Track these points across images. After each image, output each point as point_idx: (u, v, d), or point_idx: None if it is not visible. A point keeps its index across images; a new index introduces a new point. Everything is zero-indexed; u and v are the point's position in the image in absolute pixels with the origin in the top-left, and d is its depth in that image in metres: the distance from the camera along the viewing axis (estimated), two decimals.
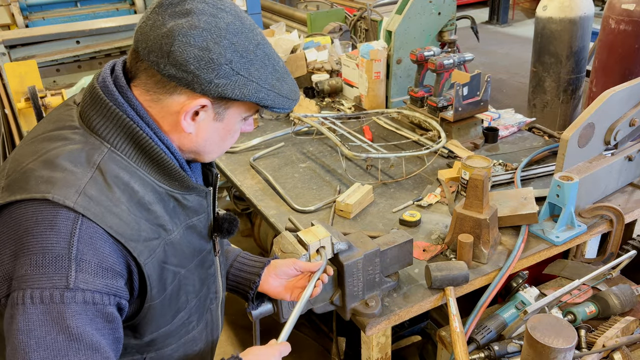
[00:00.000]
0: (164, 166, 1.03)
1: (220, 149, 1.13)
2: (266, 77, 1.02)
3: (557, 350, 1.18)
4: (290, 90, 1.09)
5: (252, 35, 1.02)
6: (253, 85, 1.01)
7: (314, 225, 1.46)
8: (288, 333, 1.24)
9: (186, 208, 1.10)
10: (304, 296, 1.30)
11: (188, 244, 1.11)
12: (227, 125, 1.08)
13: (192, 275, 1.14)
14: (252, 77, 1.00)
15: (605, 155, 1.99)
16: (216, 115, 1.04)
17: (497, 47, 8.15)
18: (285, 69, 1.09)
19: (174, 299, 1.09)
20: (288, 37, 3.51)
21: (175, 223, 1.07)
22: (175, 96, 1.00)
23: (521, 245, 1.76)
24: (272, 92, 1.04)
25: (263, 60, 1.02)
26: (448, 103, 2.46)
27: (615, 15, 3.59)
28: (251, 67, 1.00)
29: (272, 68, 1.04)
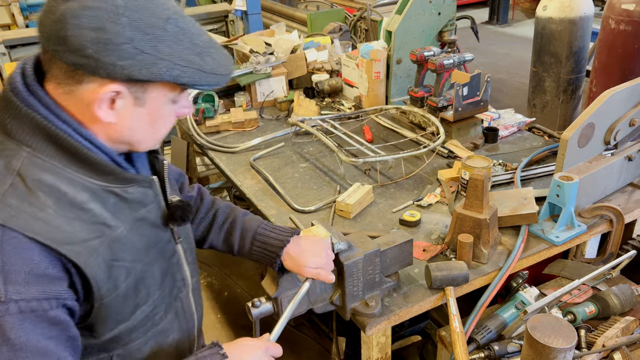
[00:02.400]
0: (90, 162, 0.98)
1: (152, 136, 1.07)
2: (181, 53, 0.95)
3: (557, 350, 1.18)
4: (217, 65, 1.01)
5: (160, 10, 0.94)
6: (164, 64, 0.93)
7: (314, 225, 1.46)
8: (279, 332, 1.24)
9: (129, 201, 1.06)
10: (298, 295, 1.31)
11: (140, 238, 1.08)
12: (153, 110, 1.01)
13: (151, 268, 1.11)
14: (162, 54, 0.93)
15: (605, 155, 1.99)
16: (136, 101, 0.98)
17: (497, 47, 8.15)
18: (210, 43, 1.01)
19: (130, 295, 1.06)
20: (288, 37, 3.52)
21: (119, 219, 1.03)
22: (85, 85, 0.94)
23: (521, 245, 1.77)
24: (189, 69, 0.96)
25: (176, 36, 0.95)
26: (448, 103, 2.46)
27: (615, 15, 3.59)
28: (159, 44, 0.93)
29: (190, 43, 0.97)
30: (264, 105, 3.05)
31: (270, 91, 3.06)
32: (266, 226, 1.40)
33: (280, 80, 3.07)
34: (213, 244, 1.45)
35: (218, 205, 1.46)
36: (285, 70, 3.09)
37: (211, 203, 1.47)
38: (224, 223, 1.43)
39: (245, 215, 1.44)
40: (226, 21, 4.82)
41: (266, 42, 3.37)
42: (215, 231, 1.43)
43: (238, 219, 1.43)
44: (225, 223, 1.43)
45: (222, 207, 1.46)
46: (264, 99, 3.05)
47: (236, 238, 1.40)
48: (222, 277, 3.54)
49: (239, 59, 3.43)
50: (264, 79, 3.01)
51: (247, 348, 1.16)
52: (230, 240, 1.41)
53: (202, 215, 1.44)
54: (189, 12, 4.49)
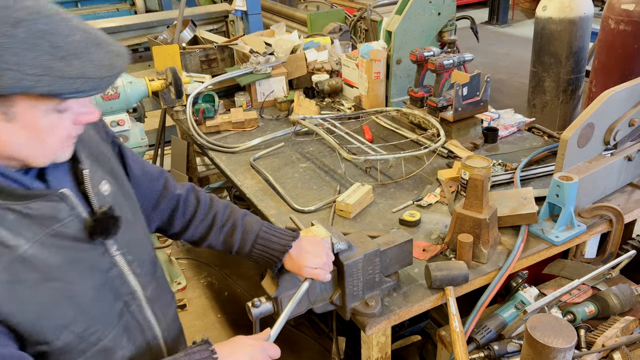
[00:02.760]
0: None
1: (41, 150, 0.97)
2: (34, 61, 0.85)
3: (557, 350, 1.18)
4: (92, 66, 0.90)
5: (10, 13, 0.84)
6: (10, 74, 0.83)
7: (314, 225, 1.46)
8: (278, 330, 1.24)
9: (35, 217, 0.97)
10: (298, 294, 1.31)
11: (55, 256, 0.99)
12: (28, 125, 0.92)
13: (75, 285, 1.02)
14: (8, 63, 0.83)
15: (604, 155, 2.00)
16: (4, 116, 0.89)
17: (496, 47, 8.16)
18: (86, 42, 0.91)
19: (45, 315, 0.98)
20: (288, 38, 3.52)
21: (23, 236, 0.95)
22: None
23: (521, 245, 1.77)
24: (47, 77, 0.86)
25: (28, 41, 0.85)
26: (448, 103, 2.46)
27: (615, 16, 3.59)
28: (5, 53, 0.83)
29: (50, 47, 0.86)
30: (264, 105, 3.05)
31: (270, 91, 3.06)
32: (268, 229, 1.39)
33: (280, 80, 3.07)
34: (211, 244, 1.43)
35: (217, 207, 1.44)
36: (285, 71, 3.09)
37: (209, 204, 1.44)
38: (224, 225, 1.41)
39: (245, 216, 1.43)
40: (226, 21, 4.82)
41: (266, 42, 3.38)
42: (215, 233, 1.41)
43: (239, 220, 1.41)
44: (226, 225, 1.41)
45: (221, 209, 1.44)
46: (264, 99, 3.05)
47: (237, 240, 1.39)
48: (222, 277, 3.55)
49: (239, 59, 3.43)
50: (264, 79, 3.01)
51: (240, 346, 1.14)
52: (231, 241, 1.40)
53: (200, 217, 1.41)
54: (188, 12, 4.49)
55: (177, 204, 1.41)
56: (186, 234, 1.43)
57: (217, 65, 3.51)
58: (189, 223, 1.41)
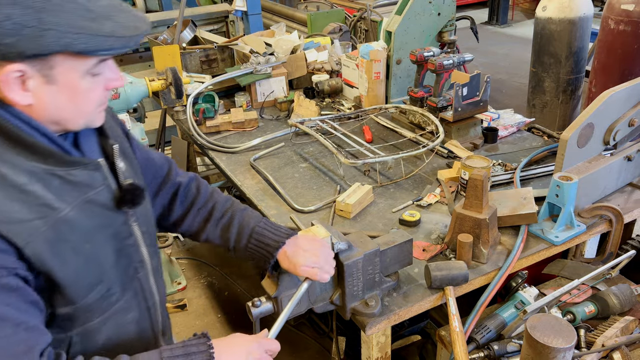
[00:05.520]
0: (28, 145, 1.01)
1: (78, 113, 1.06)
2: (69, 21, 0.93)
3: (557, 349, 1.18)
4: (120, 27, 0.99)
5: None
6: (51, 34, 0.92)
7: (314, 225, 1.46)
8: (278, 330, 1.24)
9: (75, 184, 1.08)
10: (298, 294, 1.31)
11: (89, 220, 1.09)
12: (69, 86, 1.01)
13: (102, 249, 1.13)
14: (47, 24, 0.92)
15: (604, 156, 2.00)
16: (46, 79, 0.98)
17: (496, 47, 8.16)
18: (111, 7, 1.00)
19: (81, 274, 1.08)
20: (288, 38, 3.52)
21: (65, 200, 1.05)
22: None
23: (520, 245, 1.77)
24: (83, 35, 0.95)
25: (61, 5, 0.93)
26: (448, 103, 2.46)
27: (615, 16, 3.59)
28: (43, 15, 0.91)
29: (82, 9, 0.95)
30: (264, 106, 3.05)
31: (270, 91, 3.06)
32: (265, 224, 1.40)
33: (281, 80, 3.08)
34: (209, 238, 1.44)
35: (216, 198, 1.46)
36: (285, 71, 3.09)
37: (209, 195, 1.47)
38: (222, 217, 1.42)
39: (244, 210, 1.44)
40: (226, 21, 4.82)
41: (266, 42, 3.38)
42: (212, 224, 1.43)
43: (237, 213, 1.42)
44: (224, 217, 1.42)
45: (220, 200, 1.46)
46: (264, 99, 3.05)
47: (233, 233, 1.40)
48: (222, 277, 3.55)
49: (239, 60, 3.43)
50: (264, 79, 3.02)
51: (238, 341, 1.17)
52: (227, 235, 1.41)
53: (198, 206, 1.44)
54: (188, 13, 4.49)
55: (177, 190, 1.46)
56: (184, 223, 1.47)
57: (217, 66, 3.52)
58: (187, 211, 1.46)
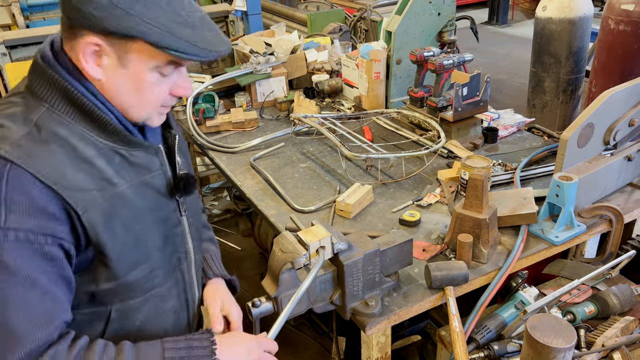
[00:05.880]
0: (99, 121, 1.07)
1: (140, 103, 1.12)
2: (156, 16, 1.01)
3: (557, 349, 1.18)
4: (198, 37, 1.05)
5: None
6: (134, 20, 0.99)
7: (314, 225, 1.46)
8: (277, 330, 1.24)
9: (135, 165, 1.14)
10: (297, 295, 1.31)
11: (143, 200, 1.15)
12: (136, 74, 1.07)
13: (150, 230, 1.17)
14: (135, 11, 0.99)
15: (604, 155, 2.00)
16: (119, 60, 1.05)
17: (496, 47, 8.16)
18: (202, 22, 1.07)
19: (129, 249, 1.12)
20: (288, 38, 3.52)
21: (123, 177, 1.11)
22: (77, 39, 1.03)
23: (520, 245, 1.77)
24: (160, 31, 1.01)
25: (157, 2, 1.01)
26: (448, 103, 2.46)
27: (615, 16, 3.59)
28: (135, 3, 0.99)
29: (173, 12, 1.03)
30: (264, 106, 3.05)
31: (270, 91, 3.06)
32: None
33: (280, 80, 3.08)
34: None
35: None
36: (285, 71, 3.09)
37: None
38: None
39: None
40: (226, 21, 4.82)
41: (266, 42, 3.38)
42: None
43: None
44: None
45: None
46: (264, 99, 3.05)
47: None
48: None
49: (239, 59, 3.43)
50: (264, 79, 3.02)
51: (238, 339, 1.20)
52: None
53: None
54: None
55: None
56: None
57: (217, 66, 3.52)
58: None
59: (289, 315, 1.31)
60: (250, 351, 1.17)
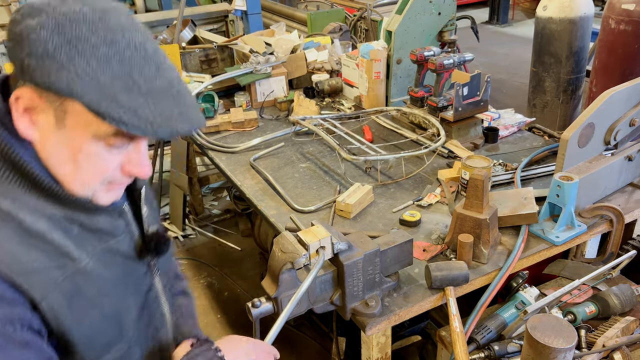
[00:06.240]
0: (49, 190, 0.91)
1: (79, 177, 0.92)
2: (99, 75, 0.83)
3: (557, 350, 1.18)
4: (152, 110, 0.86)
5: (106, 32, 0.84)
6: (67, 75, 0.82)
7: (314, 225, 1.46)
8: (277, 332, 1.23)
9: (97, 231, 0.98)
10: (297, 295, 1.31)
11: (109, 271, 0.99)
12: (73, 141, 0.88)
13: (122, 303, 1.03)
14: (73, 66, 0.82)
15: (605, 155, 1.99)
16: (57, 121, 0.87)
17: (497, 47, 8.16)
18: (163, 89, 0.88)
19: (98, 331, 0.97)
20: (288, 37, 3.52)
21: (85, 249, 0.95)
22: (16, 90, 0.87)
23: (521, 245, 1.77)
24: (105, 96, 0.83)
25: (108, 60, 0.84)
26: (448, 103, 2.46)
27: (615, 15, 3.59)
28: (78, 57, 0.82)
29: (125, 74, 0.84)
30: (264, 105, 3.05)
31: (270, 91, 3.06)
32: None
33: (280, 80, 3.07)
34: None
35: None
36: (285, 70, 3.09)
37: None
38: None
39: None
40: (226, 21, 4.82)
41: (266, 42, 3.37)
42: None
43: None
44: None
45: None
46: (264, 99, 3.05)
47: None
48: (221, 277, 3.54)
49: (239, 59, 3.43)
50: (264, 79, 3.01)
51: (235, 343, 1.15)
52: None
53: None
54: (188, 12, 4.49)
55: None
56: None
57: (217, 65, 3.51)
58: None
59: (288, 316, 1.30)
60: (248, 352, 1.14)
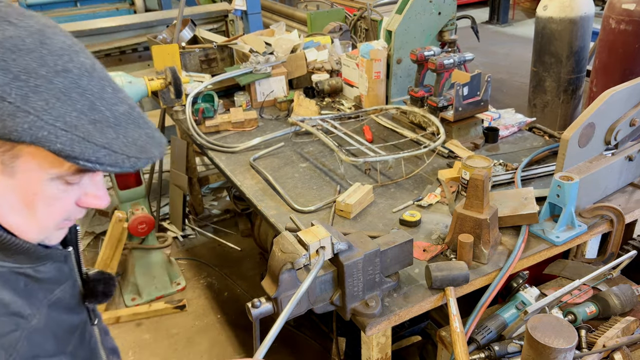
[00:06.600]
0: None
1: (32, 222, 0.83)
2: (62, 112, 0.74)
3: (558, 350, 1.18)
4: (122, 141, 0.79)
5: (56, 59, 0.75)
6: (28, 119, 0.71)
7: (314, 225, 1.46)
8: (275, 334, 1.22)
9: (43, 282, 0.88)
10: (297, 295, 1.30)
11: (58, 325, 0.89)
12: (27, 186, 0.79)
13: (74, 358, 0.93)
14: (31, 107, 0.72)
15: (605, 155, 1.99)
16: (3, 167, 0.77)
17: (497, 47, 8.15)
18: (127, 115, 0.81)
19: None
20: (288, 37, 3.51)
21: (34, 305, 0.84)
22: None
23: (521, 246, 1.76)
24: (68, 134, 0.74)
25: (65, 92, 0.75)
26: (448, 103, 2.45)
27: (616, 15, 3.58)
28: (33, 95, 0.72)
29: (87, 107, 0.76)
30: (264, 105, 3.04)
31: (270, 91, 3.05)
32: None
33: (280, 80, 3.07)
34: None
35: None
36: (285, 70, 3.08)
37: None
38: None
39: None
40: (226, 21, 4.81)
41: (266, 41, 3.37)
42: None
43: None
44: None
45: None
46: (264, 98, 3.05)
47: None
48: (222, 277, 3.54)
49: (238, 59, 3.43)
50: (263, 78, 3.01)
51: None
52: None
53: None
54: (188, 12, 4.49)
55: None
56: None
57: (217, 65, 3.51)
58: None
59: (288, 316, 1.30)
60: None
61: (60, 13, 5.52)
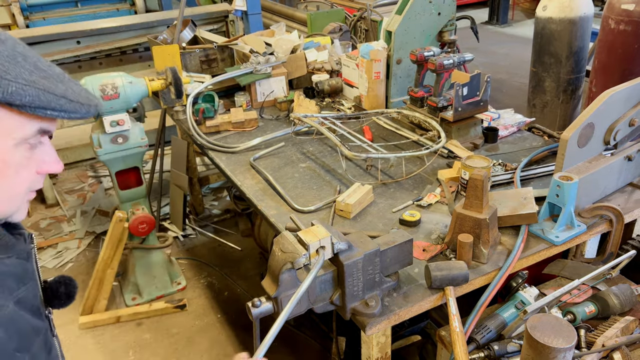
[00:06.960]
0: None
1: (6, 193, 0.86)
2: (18, 71, 0.80)
3: (557, 349, 1.18)
4: (72, 92, 0.86)
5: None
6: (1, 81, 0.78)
7: (314, 225, 1.46)
8: (275, 333, 1.23)
9: (9, 275, 0.87)
10: (297, 295, 1.31)
11: (24, 323, 0.88)
12: (0, 154, 0.82)
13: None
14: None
15: (604, 155, 2.00)
16: None
17: (497, 47, 8.16)
18: (62, 74, 0.88)
19: None
20: (288, 38, 3.52)
21: (3, 296, 0.84)
22: None
23: (521, 245, 1.77)
24: (32, 88, 0.80)
25: (11, 57, 0.81)
26: (448, 103, 2.46)
27: (615, 16, 3.59)
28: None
29: (33, 66, 0.83)
30: (264, 105, 3.05)
31: (270, 91, 3.06)
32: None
33: (280, 80, 3.07)
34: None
35: None
36: (285, 71, 3.09)
37: None
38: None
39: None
40: (226, 21, 4.82)
41: (266, 42, 3.38)
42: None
43: None
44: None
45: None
46: (264, 99, 3.05)
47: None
48: (222, 277, 3.54)
49: (239, 59, 3.43)
50: (264, 79, 3.01)
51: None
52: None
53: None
54: (188, 12, 4.49)
55: None
56: None
57: (217, 65, 3.52)
58: None
59: (288, 315, 1.30)
60: None
61: (61, 13, 5.52)
